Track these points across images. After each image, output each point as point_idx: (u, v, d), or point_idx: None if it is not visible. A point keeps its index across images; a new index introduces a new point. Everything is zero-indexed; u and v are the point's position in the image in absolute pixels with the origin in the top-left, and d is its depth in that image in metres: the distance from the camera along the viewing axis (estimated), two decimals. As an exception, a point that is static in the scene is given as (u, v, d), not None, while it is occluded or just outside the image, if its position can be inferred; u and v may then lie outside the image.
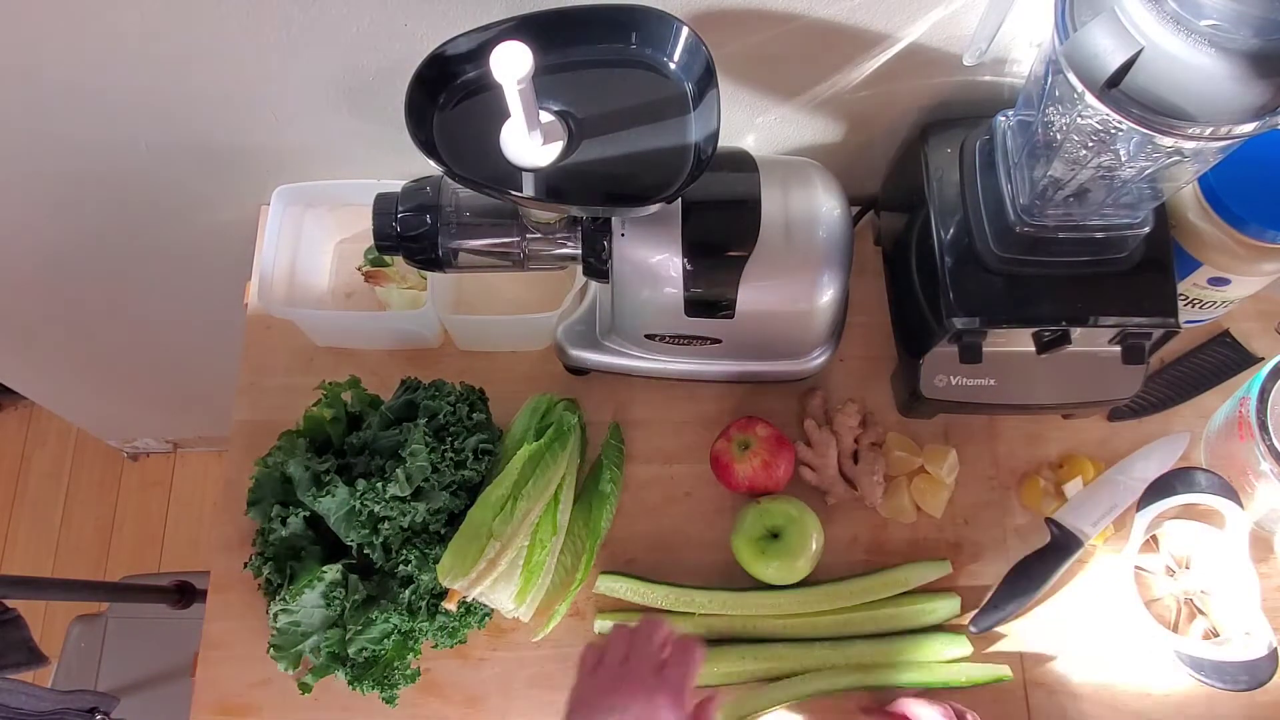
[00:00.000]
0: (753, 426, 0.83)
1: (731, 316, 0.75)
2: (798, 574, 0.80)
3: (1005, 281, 0.74)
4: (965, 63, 0.76)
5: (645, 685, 0.61)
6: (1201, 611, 0.83)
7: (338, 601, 0.76)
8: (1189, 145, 0.56)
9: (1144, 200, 0.70)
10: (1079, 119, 0.59)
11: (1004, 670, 0.80)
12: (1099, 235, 0.73)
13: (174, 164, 0.90)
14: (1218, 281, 0.79)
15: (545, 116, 0.62)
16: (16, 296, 1.17)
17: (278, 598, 0.76)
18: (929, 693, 0.78)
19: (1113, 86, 0.55)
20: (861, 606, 0.81)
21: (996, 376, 0.81)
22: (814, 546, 0.80)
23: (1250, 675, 0.76)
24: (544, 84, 0.63)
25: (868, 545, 0.86)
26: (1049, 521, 0.83)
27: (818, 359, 0.84)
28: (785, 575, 0.80)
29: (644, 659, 0.64)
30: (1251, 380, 0.79)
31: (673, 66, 0.65)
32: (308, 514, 0.78)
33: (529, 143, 0.61)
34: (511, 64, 0.54)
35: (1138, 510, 0.82)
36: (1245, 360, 0.91)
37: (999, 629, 0.82)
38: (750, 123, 0.85)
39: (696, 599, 0.81)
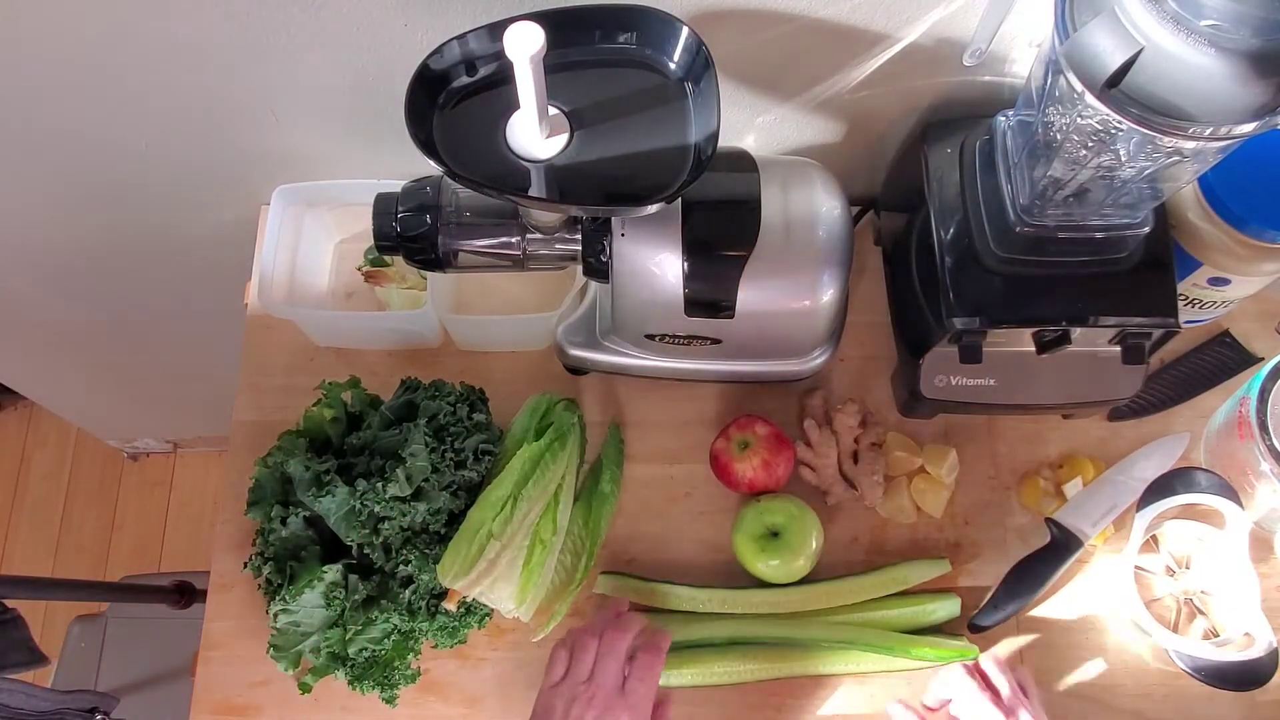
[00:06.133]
0: (753, 426, 0.83)
1: (731, 316, 0.75)
2: (798, 573, 0.81)
3: (1005, 281, 0.74)
4: (965, 63, 0.77)
5: (608, 705, 0.64)
6: (1201, 611, 0.83)
7: (338, 601, 0.76)
8: (1189, 145, 0.56)
9: (1144, 200, 0.70)
10: (1079, 119, 0.59)
11: (970, 647, 0.80)
12: (1099, 235, 0.72)
13: (175, 164, 0.90)
14: (1218, 281, 0.79)
15: (550, 110, 0.62)
16: (16, 296, 1.17)
17: (278, 598, 0.76)
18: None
19: (1113, 86, 0.55)
20: (861, 606, 0.81)
21: (996, 376, 0.81)
22: (814, 545, 0.80)
23: (1250, 675, 0.76)
24: (545, 83, 0.63)
25: (868, 545, 0.86)
26: (1049, 521, 0.83)
27: (818, 359, 0.84)
28: (785, 574, 0.80)
29: (608, 674, 0.66)
30: (1251, 380, 0.79)
31: (673, 66, 0.65)
32: (308, 514, 0.78)
33: (536, 132, 0.61)
34: (524, 41, 0.54)
35: (1138, 510, 0.82)
36: (1245, 360, 0.91)
37: (999, 629, 0.82)
38: (750, 123, 0.85)
39: (696, 599, 0.81)
